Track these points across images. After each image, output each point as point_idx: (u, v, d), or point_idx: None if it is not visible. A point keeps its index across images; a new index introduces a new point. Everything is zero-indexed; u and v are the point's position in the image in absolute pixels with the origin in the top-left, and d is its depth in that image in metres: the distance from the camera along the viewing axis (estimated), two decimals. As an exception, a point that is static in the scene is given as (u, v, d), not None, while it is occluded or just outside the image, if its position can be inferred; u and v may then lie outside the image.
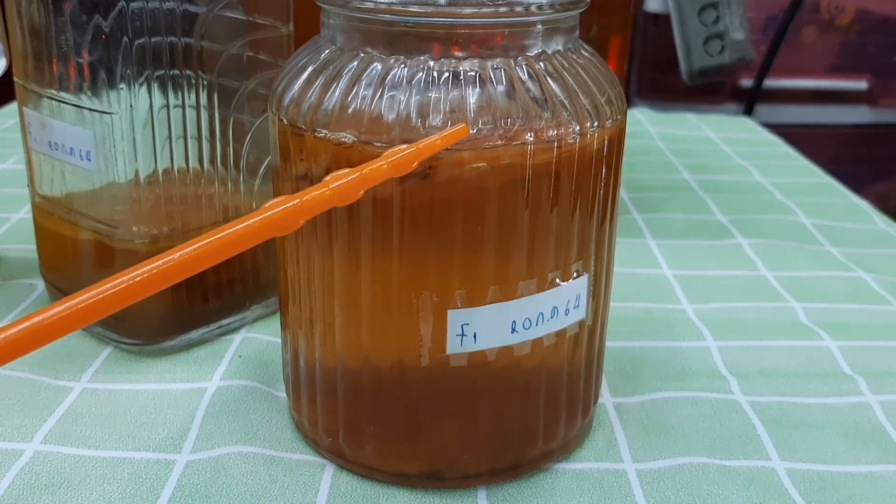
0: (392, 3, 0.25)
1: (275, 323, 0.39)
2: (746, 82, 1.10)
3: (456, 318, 0.26)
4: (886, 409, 0.34)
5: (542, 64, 0.26)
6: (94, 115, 0.33)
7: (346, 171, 0.21)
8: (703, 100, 1.10)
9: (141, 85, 0.33)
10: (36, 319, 0.16)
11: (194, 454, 0.30)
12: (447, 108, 0.25)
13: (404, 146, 0.23)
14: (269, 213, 0.20)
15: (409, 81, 0.25)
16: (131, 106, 0.33)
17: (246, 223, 0.19)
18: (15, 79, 0.37)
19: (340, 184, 0.21)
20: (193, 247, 0.18)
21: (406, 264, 0.26)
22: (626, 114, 0.28)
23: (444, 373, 0.27)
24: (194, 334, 0.37)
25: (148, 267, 0.17)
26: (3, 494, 0.28)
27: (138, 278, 0.17)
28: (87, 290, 0.16)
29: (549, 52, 0.26)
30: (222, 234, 0.18)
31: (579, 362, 0.30)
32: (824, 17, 1.13)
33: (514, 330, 0.27)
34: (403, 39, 0.25)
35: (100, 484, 0.29)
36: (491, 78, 0.25)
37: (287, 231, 0.20)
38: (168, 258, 0.17)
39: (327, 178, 0.21)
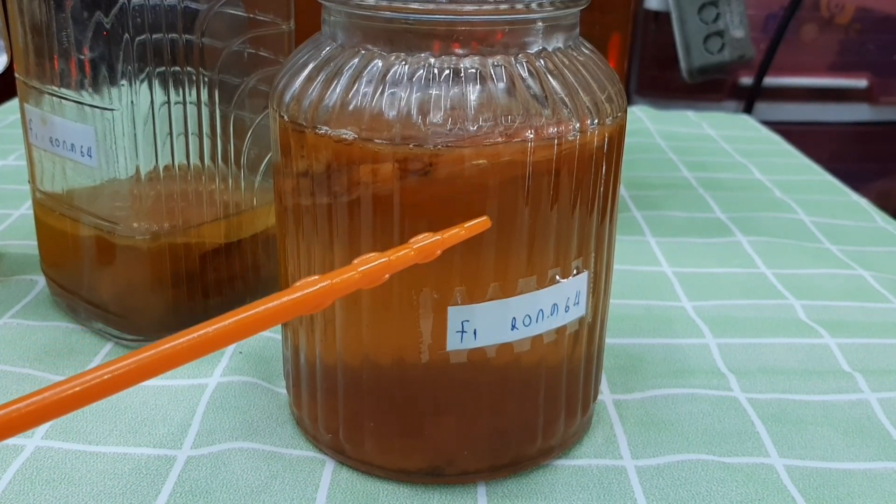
0: (393, 0, 0.25)
1: (275, 319, 0.39)
2: (746, 80, 1.09)
3: (456, 314, 0.26)
4: (885, 407, 0.34)
5: (542, 61, 0.26)
6: (96, 112, 0.33)
7: (374, 255, 0.23)
8: (702, 97, 1.10)
9: (142, 81, 0.33)
10: (59, 389, 0.16)
11: (195, 450, 0.30)
12: (448, 106, 0.25)
13: (430, 234, 0.24)
14: (300, 293, 0.21)
15: (410, 78, 0.25)
16: (132, 102, 0.33)
17: (277, 302, 0.20)
18: (16, 75, 0.37)
19: (368, 267, 0.22)
20: (224, 323, 0.19)
21: (406, 261, 0.26)
22: (626, 111, 0.28)
23: (444, 369, 0.27)
24: (195, 331, 0.37)
25: (180, 340, 0.18)
26: (5, 490, 0.28)
27: (168, 350, 0.18)
28: (117, 361, 0.17)
29: (550, 49, 0.26)
30: (252, 311, 0.19)
31: (579, 359, 0.30)
32: (824, 15, 1.13)
33: (514, 327, 0.27)
34: (404, 36, 0.25)
35: (101, 479, 0.29)
36: (491, 75, 0.25)
37: (315, 310, 0.21)
38: (201, 332, 0.18)
39: (355, 261, 0.22)
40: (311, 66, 0.27)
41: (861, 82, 1.14)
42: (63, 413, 0.17)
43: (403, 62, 0.25)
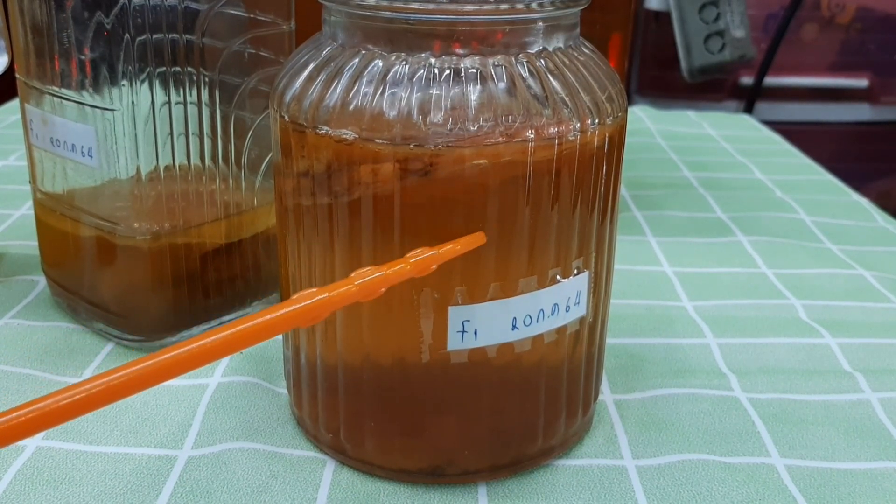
0: (393, 0, 0.25)
1: (276, 319, 0.39)
2: (747, 80, 1.10)
3: (457, 314, 0.26)
4: (886, 406, 0.34)
5: (542, 61, 0.26)
6: (96, 112, 0.33)
7: (371, 268, 0.23)
8: (703, 97, 1.10)
9: (143, 82, 0.33)
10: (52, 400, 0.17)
11: (196, 450, 0.30)
12: (448, 105, 0.25)
13: (426, 248, 0.24)
14: (298, 305, 0.21)
15: (411, 78, 0.25)
16: (133, 103, 0.33)
17: (275, 314, 0.21)
18: (17, 75, 0.37)
19: (365, 280, 0.23)
20: (223, 334, 0.19)
21: (407, 261, 0.26)
22: (626, 111, 0.28)
23: (444, 369, 0.27)
24: (195, 330, 0.37)
25: (180, 350, 0.19)
26: (6, 490, 0.28)
27: (167, 360, 0.18)
28: (117, 370, 0.18)
29: (550, 49, 0.26)
30: (251, 323, 0.20)
31: (579, 359, 0.30)
32: (825, 15, 1.13)
33: (514, 327, 0.27)
34: (405, 36, 0.25)
35: (102, 479, 0.29)
36: (492, 75, 0.25)
37: (312, 322, 0.22)
38: (201, 342, 0.19)
39: (353, 274, 0.23)
40: (311, 66, 0.27)
41: (861, 82, 1.14)
42: (63, 421, 0.17)
43: (404, 62, 0.25)
